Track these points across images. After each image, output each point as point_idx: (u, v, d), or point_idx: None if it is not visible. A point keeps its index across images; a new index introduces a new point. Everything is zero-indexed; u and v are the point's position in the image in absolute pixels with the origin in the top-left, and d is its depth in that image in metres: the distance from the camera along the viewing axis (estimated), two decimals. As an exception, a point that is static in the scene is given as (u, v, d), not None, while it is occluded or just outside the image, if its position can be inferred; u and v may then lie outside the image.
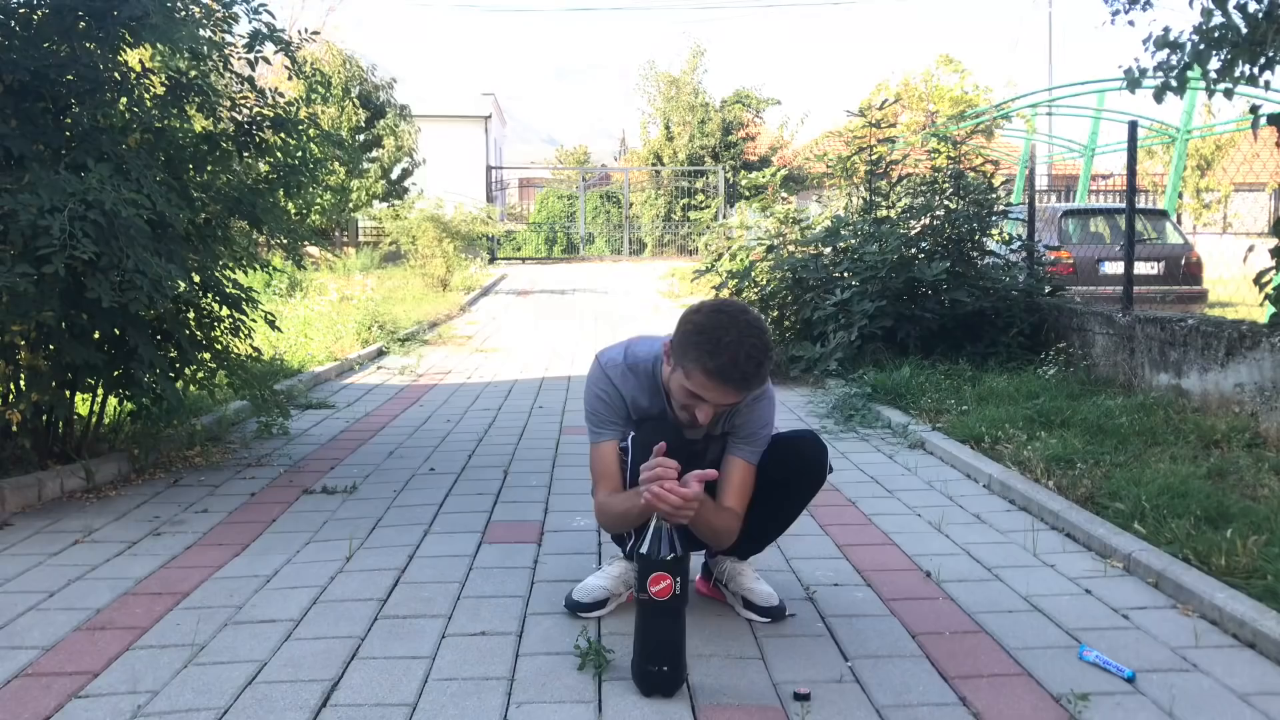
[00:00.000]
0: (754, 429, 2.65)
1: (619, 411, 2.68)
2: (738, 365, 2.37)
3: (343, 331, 9.08)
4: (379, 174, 19.37)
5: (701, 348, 2.39)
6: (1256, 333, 4.86)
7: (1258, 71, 3.98)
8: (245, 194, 4.62)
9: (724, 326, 2.39)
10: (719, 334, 2.39)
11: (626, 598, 2.84)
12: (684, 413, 2.54)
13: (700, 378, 2.41)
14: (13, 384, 4.06)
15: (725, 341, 2.37)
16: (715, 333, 2.39)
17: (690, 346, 2.41)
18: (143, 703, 2.28)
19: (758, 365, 2.41)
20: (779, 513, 2.81)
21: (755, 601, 2.78)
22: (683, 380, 2.46)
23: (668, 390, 2.58)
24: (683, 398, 2.50)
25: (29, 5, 4.12)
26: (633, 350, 2.70)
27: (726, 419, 2.66)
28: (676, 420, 2.60)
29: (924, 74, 25.72)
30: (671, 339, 2.51)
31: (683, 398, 2.50)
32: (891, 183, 8.09)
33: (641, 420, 2.67)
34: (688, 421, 2.55)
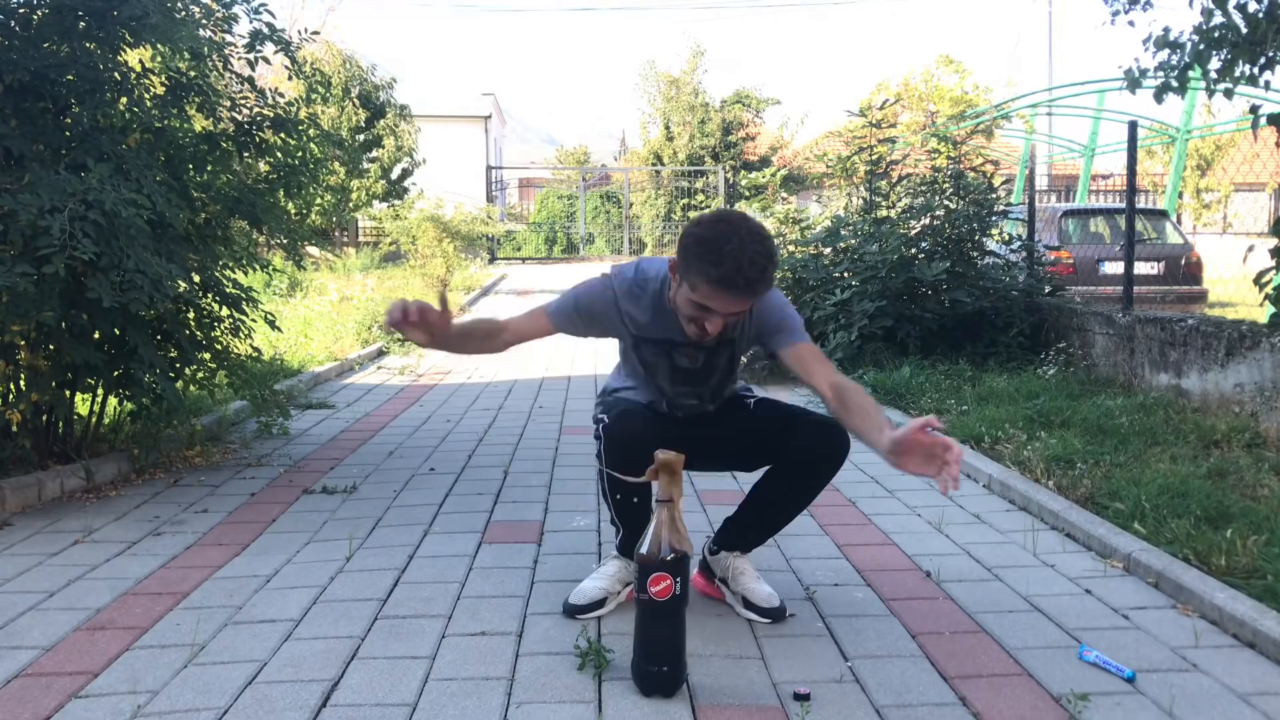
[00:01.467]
0: (779, 320, 2.65)
1: (589, 321, 2.69)
2: (742, 272, 2.35)
3: (343, 331, 9.08)
4: (379, 174, 19.38)
5: (705, 258, 2.37)
6: (1256, 333, 4.86)
7: (1258, 71, 3.98)
8: (245, 194, 4.62)
9: (725, 235, 2.37)
10: (721, 243, 2.36)
11: (626, 596, 2.84)
12: (692, 325, 2.53)
13: (706, 288, 2.40)
14: (13, 384, 4.06)
15: (728, 250, 2.34)
16: (717, 242, 2.36)
17: (693, 259, 2.40)
18: (143, 703, 2.28)
19: (762, 270, 2.37)
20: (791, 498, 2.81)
21: (756, 602, 2.77)
22: (689, 294, 2.45)
23: (675, 306, 2.56)
24: (691, 311, 2.49)
25: (29, 5, 4.12)
26: (642, 269, 2.69)
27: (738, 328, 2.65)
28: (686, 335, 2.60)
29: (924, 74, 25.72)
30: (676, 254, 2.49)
31: (691, 311, 2.49)
32: (891, 183, 8.10)
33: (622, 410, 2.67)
34: (696, 335, 2.55)
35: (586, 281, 2.73)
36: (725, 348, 2.71)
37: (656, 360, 2.71)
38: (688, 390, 2.77)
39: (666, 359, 2.71)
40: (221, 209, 4.62)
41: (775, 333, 2.66)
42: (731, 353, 2.74)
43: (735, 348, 2.73)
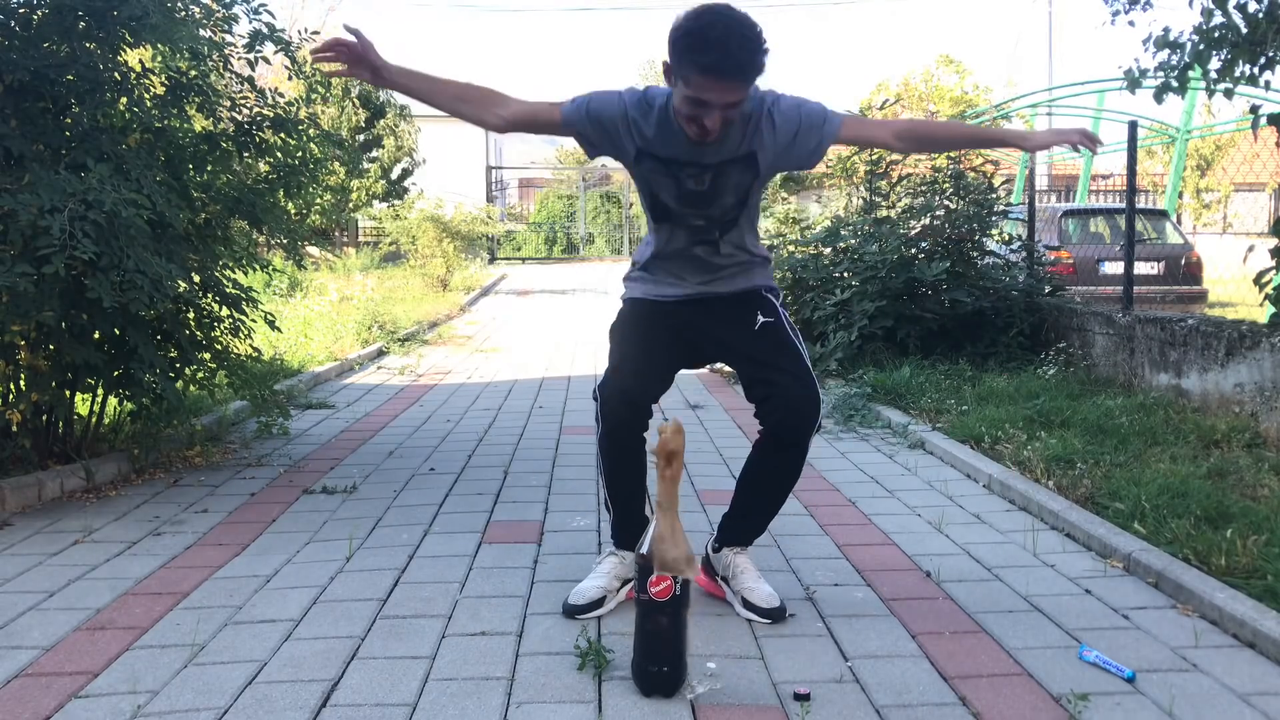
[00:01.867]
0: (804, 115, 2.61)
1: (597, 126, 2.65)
2: (730, 55, 2.33)
3: (343, 331, 9.08)
4: (379, 174, 19.39)
5: (693, 49, 2.34)
6: (1256, 333, 4.87)
7: (1258, 71, 3.98)
8: (245, 194, 4.62)
9: (710, 24, 2.34)
10: (706, 31, 2.33)
11: (625, 595, 2.84)
12: (693, 126, 2.48)
13: (698, 78, 2.36)
14: (13, 384, 4.06)
15: (713, 37, 2.32)
16: (702, 32, 2.34)
17: (683, 52, 2.36)
18: (143, 703, 2.28)
19: (752, 53, 2.35)
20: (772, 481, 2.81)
21: (755, 602, 2.77)
22: (684, 90, 2.41)
23: (678, 114, 2.51)
24: (688, 109, 2.45)
25: (29, 5, 4.12)
26: (650, 89, 2.67)
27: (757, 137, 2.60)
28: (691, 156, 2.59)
29: (924, 74, 25.74)
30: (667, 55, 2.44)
31: (688, 109, 2.45)
32: (891, 183, 8.09)
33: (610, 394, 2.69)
34: (698, 136, 2.50)
35: (594, 97, 2.67)
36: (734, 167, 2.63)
37: (664, 181, 2.67)
38: (694, 212, 2.72)
39: (674, 180, 2.66)
40: (221, 209, 4.62)
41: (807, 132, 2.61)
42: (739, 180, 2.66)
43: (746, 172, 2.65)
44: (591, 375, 7.90)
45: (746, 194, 2.72)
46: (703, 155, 2.61)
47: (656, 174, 2.68)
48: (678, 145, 2.60)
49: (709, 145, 2.57)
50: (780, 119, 2.60)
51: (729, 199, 2.69)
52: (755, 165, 2.64)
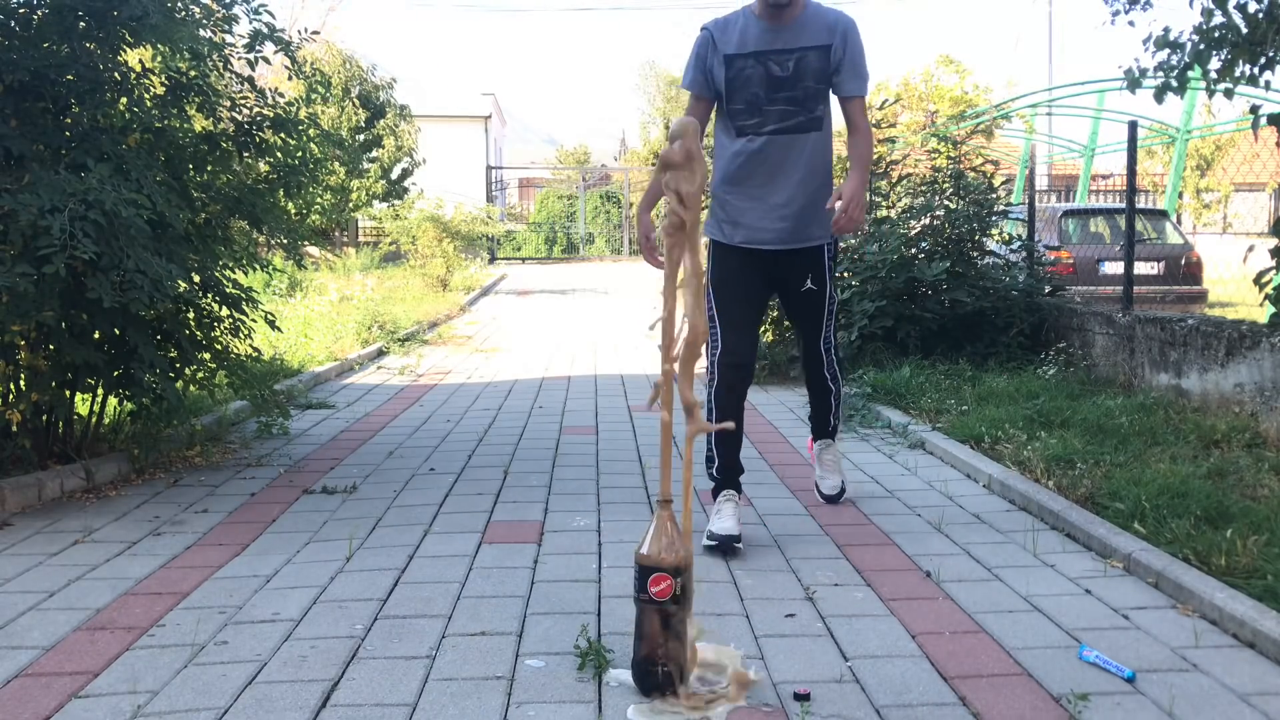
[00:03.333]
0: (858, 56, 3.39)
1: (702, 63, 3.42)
2: None
3: (343, 331, 9.07)
4: (379, 174, 19.37)
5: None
6: (1256, 333, 4.86)
7: (1258, 71, 3.97)
8: (245, 194, 4.63)
9: None
10: None
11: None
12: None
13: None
14: (13, 384, 4.06)
15: None
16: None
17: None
18: (143, 703, 2.28)
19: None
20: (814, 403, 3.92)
21: (819, 488, 3.99)
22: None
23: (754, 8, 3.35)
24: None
25: (29, 5, 4.12)
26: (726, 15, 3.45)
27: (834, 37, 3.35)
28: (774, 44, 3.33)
29: (924, 74, 25.70)
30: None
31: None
32: (892, 183, 8.09)
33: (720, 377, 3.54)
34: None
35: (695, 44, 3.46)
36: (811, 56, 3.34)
37: (754, 74, 3.36)
38: (781, 97, 3.37)
39: (762, 68, 3.35)
40: (221, 209, 4.62)
41: (849, 76, 3.39)
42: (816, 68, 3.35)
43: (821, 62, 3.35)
44: (592, 375, 7.90)
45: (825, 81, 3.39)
46: (786, 41, 3.34)
47: (747, 69, 3.37)
48: (763, 38, 3.34)
49: (791, 28, 3.33)
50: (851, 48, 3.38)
51: (809, 82, 3.36)
52: (828, 55, 3.36)
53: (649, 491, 4.21)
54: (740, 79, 3.38)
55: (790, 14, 3.35)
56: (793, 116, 3.38)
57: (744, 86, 3.38)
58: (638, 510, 3.91)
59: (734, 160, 3.45)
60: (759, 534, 3.59)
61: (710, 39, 3.40)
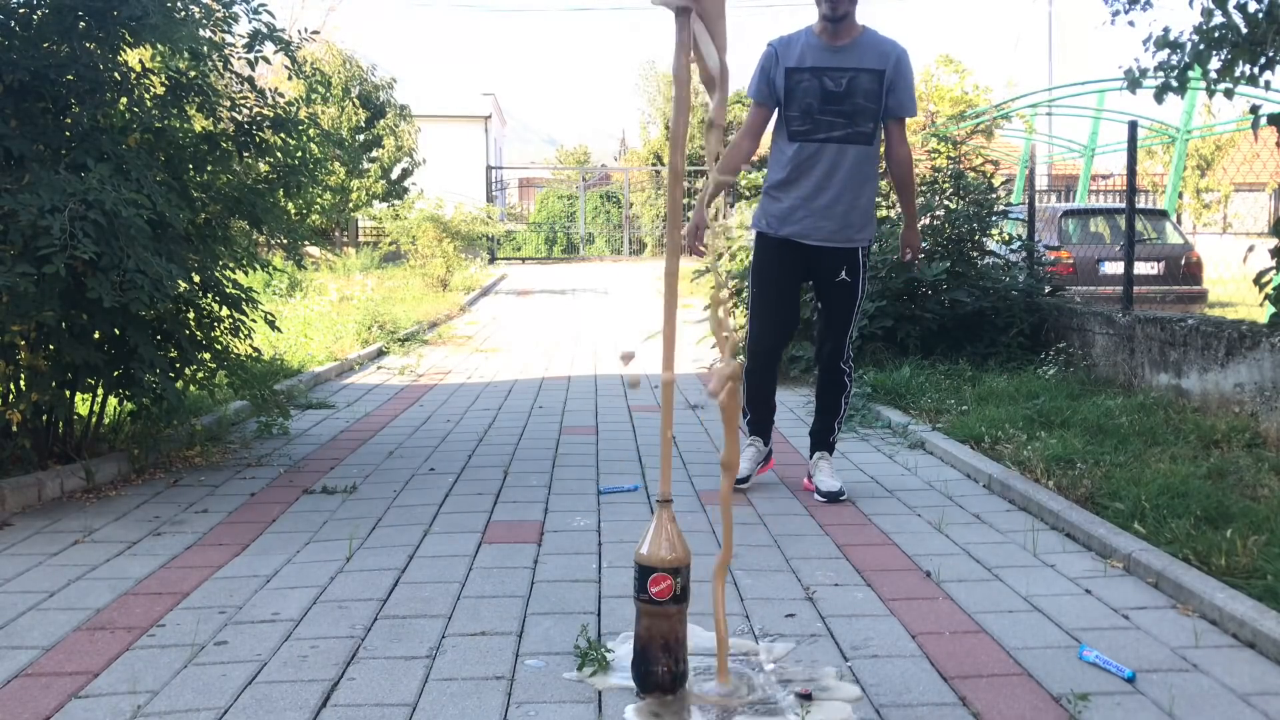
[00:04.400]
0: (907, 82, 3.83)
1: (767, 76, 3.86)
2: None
3: (343, 331, 9.07)
4: (379, 174, 19.37)
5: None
6: (1256, 333, 4.86)
7: (1258, 71, 3.97)
8: (245, 194, 4.62)
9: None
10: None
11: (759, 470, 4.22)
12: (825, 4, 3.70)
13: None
14: (13, 384, 4.06)
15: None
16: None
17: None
18: (143, 703, 2.28)
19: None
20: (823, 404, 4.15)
21: (819, 486, 4.03)
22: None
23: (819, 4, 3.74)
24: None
25: (29, 5, 4.12)
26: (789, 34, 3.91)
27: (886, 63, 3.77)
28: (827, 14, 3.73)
29: (924, 74, 25.69)
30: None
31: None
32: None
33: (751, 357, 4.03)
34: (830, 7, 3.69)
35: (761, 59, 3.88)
36: (863, 77, 3.75)
37: (810, 87, 3.78)
38: (834, 109, 3.78)
39: (818, 82, 3.76)
40: (221, 209, 4.62)
41: (898, 98, 3.80)
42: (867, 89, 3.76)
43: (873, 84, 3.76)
44: (591, 375, 7.90)
45: (875, 101, 3.77)
46: (842, 60, 3.75)
47: (804, 82, 3.78)
48: (821, 55, 3.77)
49: (847, 49, 3.74)
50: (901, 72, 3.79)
51: (859, 100, 3.75)
52: (880, 79, 3.76)
53: (649, 492, 4.21)
54: (798, 90, 3.80)
55: (847, 35, 3.77)
56: (841, 128, 3.80)
57: (801, 97, 3.81)
58: (638, 510, 3.91)
59: (787, 165, 3.88)
60: (759, 534, 3.59)
61: (775, 54, 3.84)
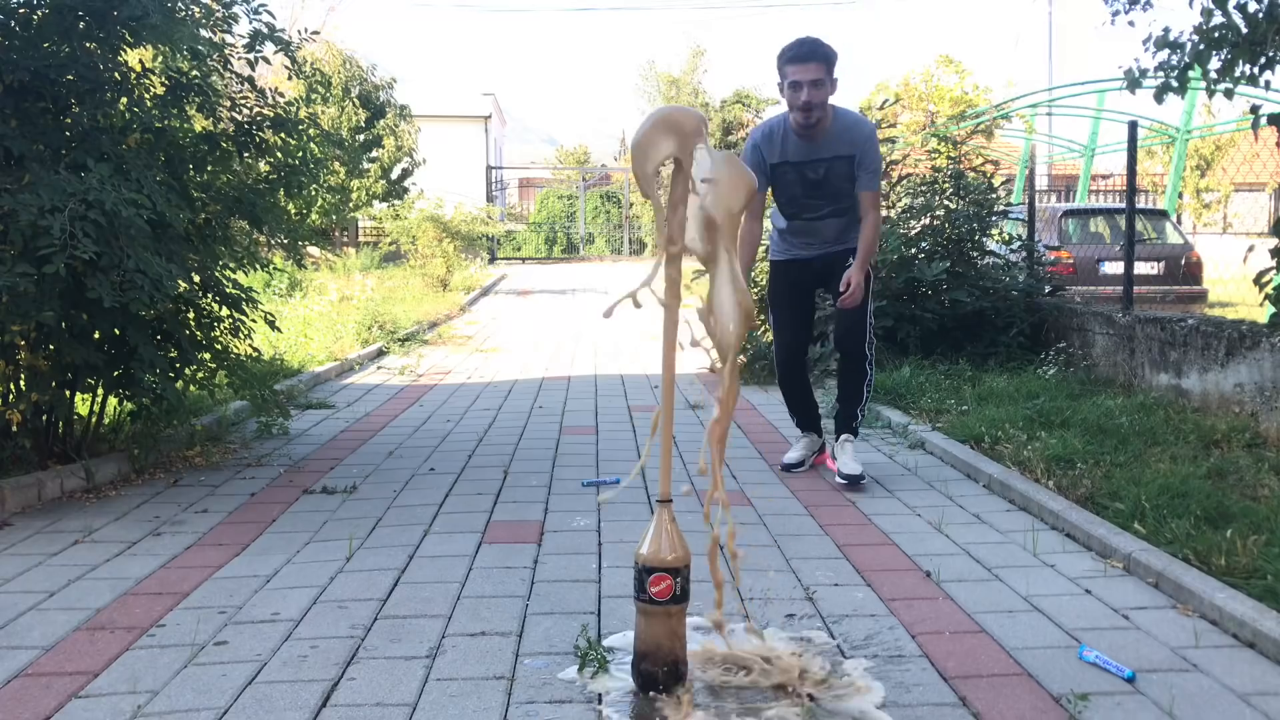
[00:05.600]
0: (873, 162, 4.13)
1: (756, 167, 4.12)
2: (803, 46, 3.95)
3: (342, 331, 9.07)
4: (379, 174, 19.35)
5: (783, 54, 3.98)
6: (1256, 333, 4.86)
7: (1258, 71, 3.97)
8: (245, 194, 4.62)
9: (792, 41, 4.00)
10: (790, 44, 3.98)
11: (814, 460, 4.56)
12: (798, 110, 4.00)
13: (785, 66, 3.96)
14: (13, 384, 4.06)
15: (793, 43, 3.98)
16: (788, 45, 3.98)
17: (779, 60, 3.99)
18: (143, 703, 2.28)
19: (813, 43, 3.96)
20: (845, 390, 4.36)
21: (840, 469, 4.22)
22: (784, 83, 4.00)
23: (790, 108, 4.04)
24: (791, 95, 3.98)
25: (29, 5, 4.12)
26: (767, 122, 4.25)
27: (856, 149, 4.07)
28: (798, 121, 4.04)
29: (924, 74, 25.66)
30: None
31: (791, 95, 3.98)
32: (891, 183, 8.09)
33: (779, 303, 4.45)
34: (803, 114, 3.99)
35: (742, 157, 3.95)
36: (839, 164, 4.09)
37: (793, 177, 4.15)
38: (816, 194, 4.17)
39: (798, 174, 4.13)
40: (221, 209, 4.62)
41: (866, 176, 4.10)
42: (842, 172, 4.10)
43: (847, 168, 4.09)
44: (592, 375, 7.90)
45: (851, 180, 4.11)
46: (818, 152, 4.08)
47: (788, 174, 4.16)
48: (798, 149, 4.11)
49: (822, 143, 4.05)
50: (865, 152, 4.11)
51: (837, 183, 4.12)
52: (852, 161, 4.08)
53: (649, 492, 4.21)
54: (783, 182, 4.21)
55: (821, 130, 4.06)
56: (825, 208, 4.22)
57: (786, 188, 4.23)
58: (638, 510, 3.91)
59: (786, 228, 4.38)
60: (759, 534, 3.60)
61: (759, 150, 4.18)
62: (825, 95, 3.98)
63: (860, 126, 4.13)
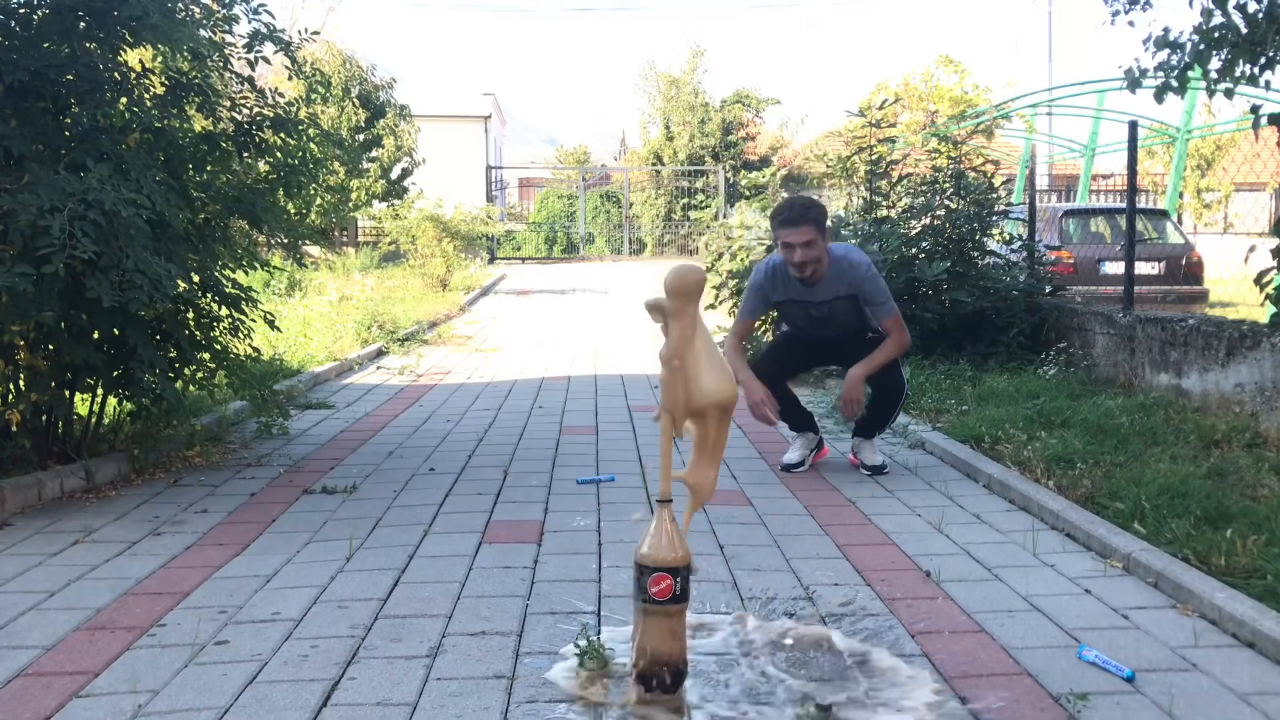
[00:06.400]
0: (877, 294, 4.30)
1: (760, 300, 4.46)
2: (793, 209, 4.18)
3: (342, 331, 9.07)
4: (379, 174, 19.35)
5: (775, 215, 4.26)
6: (1257, 333, 4.86)
7: (1258, 71, 3.97)
8: (245, 194, 4.62)
9: (782, 203, 4.32)
10: (781, 207, 4.27)
11: (813, 459, 4.62)
12: (793, 267, 4.20)
13: (777, 230, 4.20)
14: (13, 384, 4.06)
15: (783, 206, 4.26)
16: (779, 207, 4.27)
17: (773, 221, 4.28)
18: (143, 703, 2.28)
19: (804, 207, 4.20)
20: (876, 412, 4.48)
21: (863, 461, 4.48)
22: (778, 244, 4.24)
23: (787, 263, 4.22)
24: (785, 253, 4.19)
25: (29, 5, 4.12)
26: (771, 262, 4.38)
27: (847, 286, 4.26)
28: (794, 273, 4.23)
29: (924, 74, 25.65)
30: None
31: (785, 253, 4.19)
32: (892, 183, 8.08)
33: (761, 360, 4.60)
34: (799, 270, 4.18)
35: (749, 287, 4.51)
36: (840, 302, 4.29)
37: (797, 312, 4.42)
38: (823, 325, 4.41)
39: (803, 311, 4.38)
40: (221, 209, 4.62)
41: (875, 305, 4.31)
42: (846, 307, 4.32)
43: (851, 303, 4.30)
44: (592, 375, 7.90)
45: (855, 315, 4.37)
46: (818, 295, 4.28)
47: (793, 309, 4.41)
48: (799, 290, 4.31)
49: (821, 287, 4.25)
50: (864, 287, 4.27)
51: (841, 318, 4.38)
52: (855, 300, 4.30)
53: (649, 491, 4.21)
54: (789, 314, 4.49)
55: (818, 276, 4.22)
56: (834, 332, 4.46)
57: (791, 319, 4.52)
58: (638, 510, 3.90)
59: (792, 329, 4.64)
60: (759, 534, 3.60)
61: (763, 290, 4.40)
62: (818, 252, 4.14)
63: (855, 268, 4.25)
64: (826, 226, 4.22)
